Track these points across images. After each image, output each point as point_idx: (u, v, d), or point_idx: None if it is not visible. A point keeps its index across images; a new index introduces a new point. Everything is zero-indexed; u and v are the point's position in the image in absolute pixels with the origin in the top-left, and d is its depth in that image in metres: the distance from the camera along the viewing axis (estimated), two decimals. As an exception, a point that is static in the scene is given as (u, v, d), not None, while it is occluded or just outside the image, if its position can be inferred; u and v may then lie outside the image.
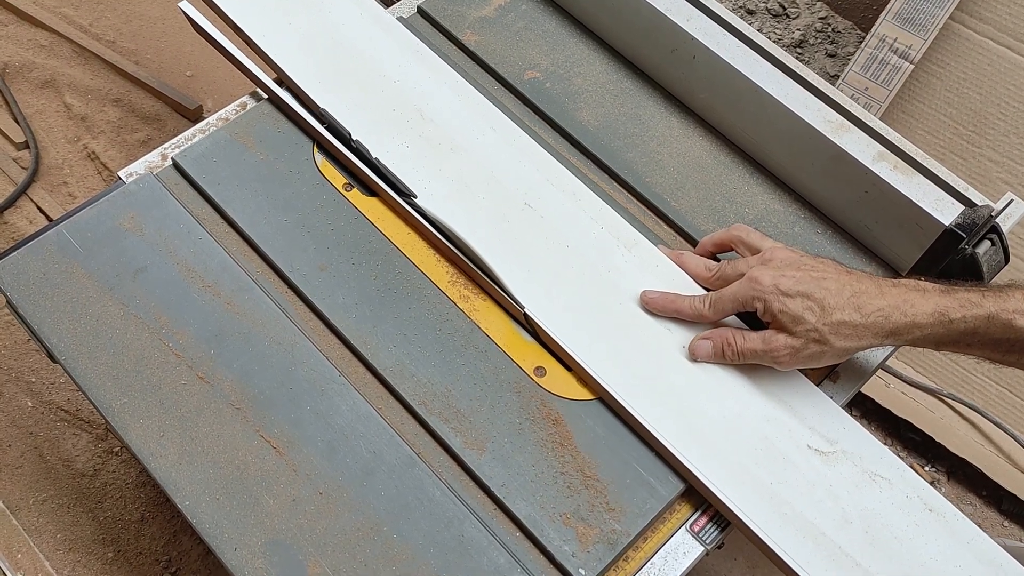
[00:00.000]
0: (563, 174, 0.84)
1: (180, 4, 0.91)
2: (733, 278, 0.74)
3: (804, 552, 0.67)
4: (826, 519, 0.68)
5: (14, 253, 0.78)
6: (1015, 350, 0.69)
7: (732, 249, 0.79)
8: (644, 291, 0.77)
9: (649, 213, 0.87)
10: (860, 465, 0.71)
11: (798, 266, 0.71)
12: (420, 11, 0.97)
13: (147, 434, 0.71)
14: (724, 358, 0.74)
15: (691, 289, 0.79)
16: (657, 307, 0.77)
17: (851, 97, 1.34)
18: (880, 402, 1.35)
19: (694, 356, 0.75)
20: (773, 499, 0.69)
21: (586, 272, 0.79)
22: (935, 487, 1.33)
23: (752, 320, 0.75)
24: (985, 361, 0.72)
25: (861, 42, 1.40)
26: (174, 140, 0.86)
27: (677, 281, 0.79)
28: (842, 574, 0.66)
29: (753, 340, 0.72)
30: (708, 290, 0.78)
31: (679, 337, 0.76)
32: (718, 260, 0.79)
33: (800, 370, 0.75)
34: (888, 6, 1.31)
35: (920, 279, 0.71)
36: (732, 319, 0.77)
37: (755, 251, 0.75)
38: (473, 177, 0.83)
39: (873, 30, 1.32)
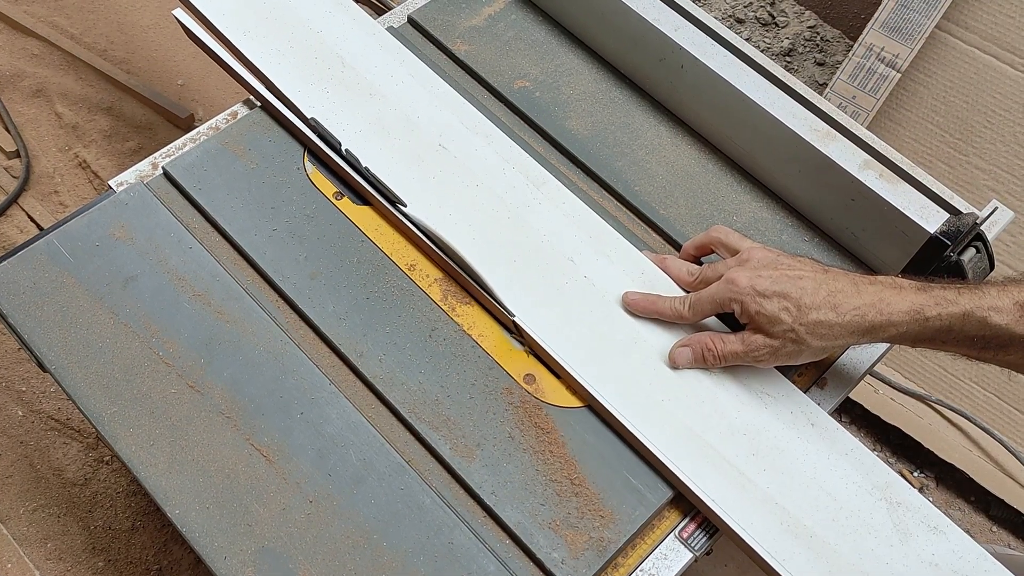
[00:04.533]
0: (477, 117, 0.88)
1: (174, 12, 0.92)
2: (713, 280, 0.75)
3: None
4: (713, 432, 0.72)
5: (4, 262, 0.78)
6: (990, 347, 0.69)
7: (713, 251, 0.80)
8: (626, 292, 0.78)
9: (638, 221, 0.87)
10: (747, 384, 0.75)
11: (775, 266, 0.72)
12: (410, 21, 0.98)
13: (137, 443, 0.71)
14: (705, 363, 0.74)
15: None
16: (639, 309, 0.77)
17: (839, 106, 1.35)
18: (869, 408, 1.36)
19: (674, 364, 0.75)
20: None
21: (500, 215, 0.82)
22: (924, 493, 1.34)
23: (732, 320, 0.76)
24: (962, 358, 0.72)
25: (849, 51, 1.41)
26: (165, 149, 0.87)
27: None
28: (730, 483, 0.70)
29: (732, 343, 0.73)
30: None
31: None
32: (701, 264, 0.80)
33: (781, 368, 0.76)
34: (875, 15, 1.32)
35: (897, 276, 0.71)
36: (713, 321, 0.77)
37: (734, 252, 0.76)
38: (390, 120, 0.86)
39: (860, 39, 1.34)
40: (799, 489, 0.71)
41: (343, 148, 0.83)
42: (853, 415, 1.40)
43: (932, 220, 0.79)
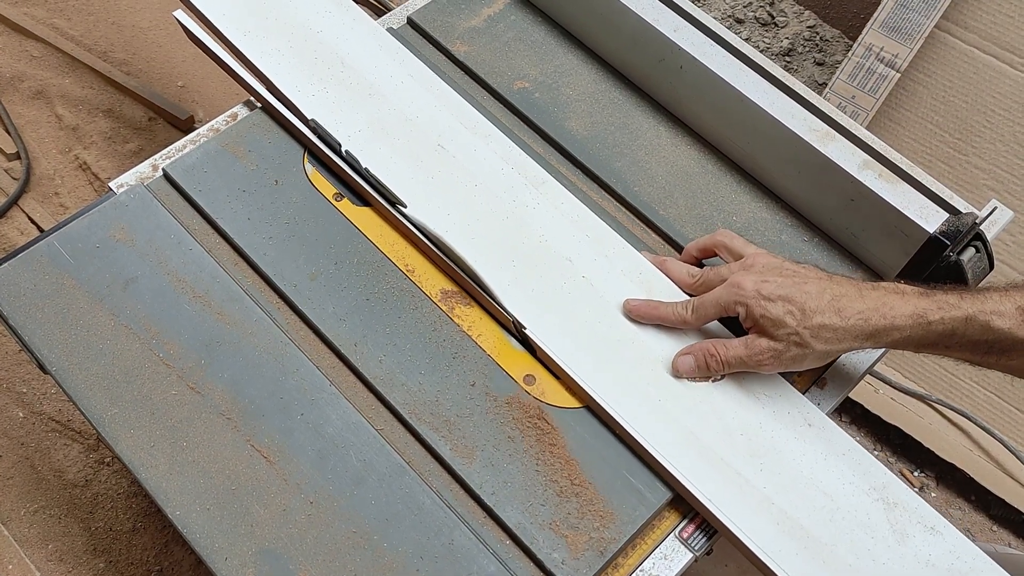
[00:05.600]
0: (476, 117, 0.88)
1: (175, 13, 0.92)
2: (716, 284, 0.75)
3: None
4: (710, 432, 0.73)
5: (5, 264, 0.78)
6: (993, 351, 0.69)
7: (716, 255, 0.80)
8: (627, 300, 0.78)
9: (637, 221, 0.87)
10: (745, 385, 0.75)
11: (780, 271, 0.72)
12: (410, 22, 0.98)
13: (138, 444, 0.71)
14: (708, 371, 0.74)
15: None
16: (640, 315, 0.77)
17: (838, 105, 1.35)
18: (869, 408, 1.36)
19: (677, 372, 0.75)
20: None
21: (499, 215, 0.82)
22: (924, 492, 1.34)
23: (733, 326, 0.75)
24: (965, 363, 0.73)
25: (849, 50, 1.41)
26: (165, 151, 0.87)
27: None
28: (727, 484, 0.70)
29: (736, 347, 0.73)
30: (692, 296, 0.78)
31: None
32: (702, 266, 0.80)
33: (783, 374, 0.76)
34: (875, 15, 1.32)
35: (900, 282, 0.72)
36: (715, 326, 0.77)
37: (738, 257, 0.76)
38: (390, 120, 0.86)
39: (860, 39, 1.34)
40: (796, 489, 0.71)
41: (343, 149, 0.83)
42: (853, 415, 1.40)
43: (932, 220, 0.79)
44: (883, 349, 0.82)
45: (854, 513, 0.70)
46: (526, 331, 0.75)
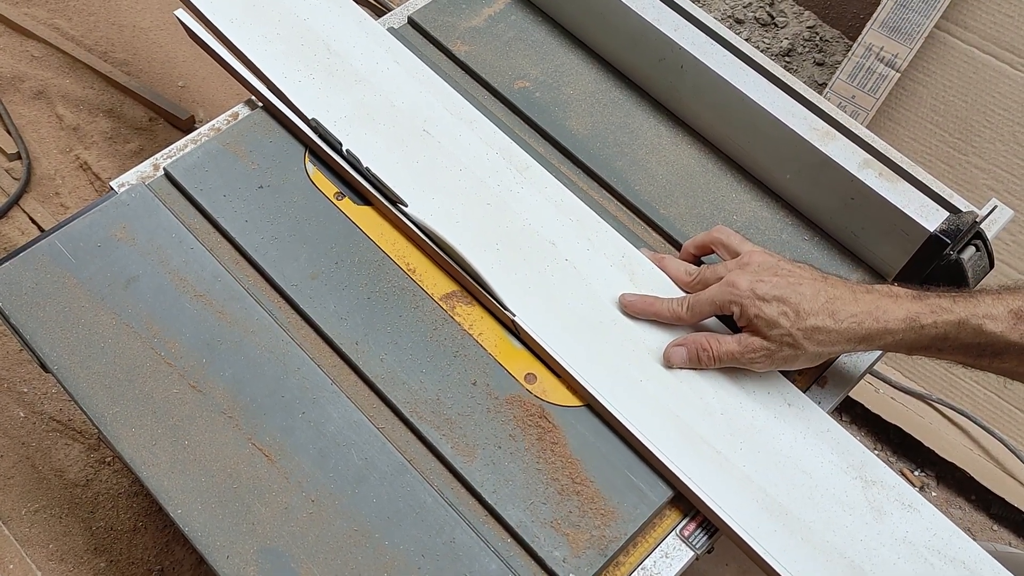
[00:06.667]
0: (461, 103, 0.88)
1: (176, 12, 0.92)
2: (712, 281, 0.75)
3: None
4: (690, 411, 0.73)
5: (6, 263, 0.78)
6: (986, 354, 0.70)
7: (713, 251, 0.80)
8: (623, 294, 0.78)
9: (638, 220, 0.87)
10: (724, 369, 0.76)
11: (775, 271, 0.72)
12: (411, 22, 0.98)
13: (139, 443, 0.71)
14: (699, 363, 0.75)
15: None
16: (635, 310, 0.78)
17: (838, 105, 1.35)
18: (869, 407, 1.36)
19: (669, 363, 0.75)
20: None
21: (483, 199, 0.83)
22: (924, 492, 1.34)
23: (728, 320, 0.76)
24: (958, 366, 0.73)
25: (848, 50, 1.42)
26: (166, 150, 0.87)
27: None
28: (705, 463, 0.71)
29: (729, 343, 0.73)
30: (688, 293, 0.79)
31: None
32: (700, 263, 0.80)
33: (784, 372, 0.76)
34: (874, 15, 1.32)
35: (894, 285, 0.72)
36: (712, 321, 0.78)
37: (735, 254, 0.76)
38: (376, 106, 0.87)
39: (860, 39, 1.34)
40: (775, 468, 0.71)
41: (344, 148, 0.83)
42: (853, 414, 1.41)
43: (932, 219, 0.79)
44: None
45: (832, 491, 0.71)
46: (514, 318, 0.76)
